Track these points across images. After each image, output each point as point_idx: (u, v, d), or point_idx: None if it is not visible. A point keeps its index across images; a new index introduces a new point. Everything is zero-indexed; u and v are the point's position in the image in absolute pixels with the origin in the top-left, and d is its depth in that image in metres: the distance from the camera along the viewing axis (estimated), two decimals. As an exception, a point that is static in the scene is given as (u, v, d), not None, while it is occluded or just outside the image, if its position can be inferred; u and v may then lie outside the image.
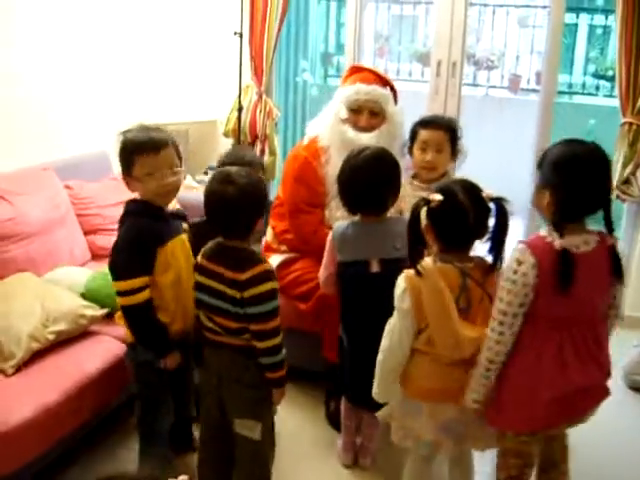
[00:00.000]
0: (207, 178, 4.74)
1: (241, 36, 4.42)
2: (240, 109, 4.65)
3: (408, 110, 3.18)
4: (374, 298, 2.53)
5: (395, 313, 2.23)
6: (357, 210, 2.60)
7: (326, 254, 2.68)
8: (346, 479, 2.86)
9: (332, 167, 2.95)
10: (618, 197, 4.00)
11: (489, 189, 2.16)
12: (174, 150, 2.43)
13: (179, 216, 2.58)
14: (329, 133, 3.05)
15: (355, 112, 3.01)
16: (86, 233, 3.75)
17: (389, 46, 9.06)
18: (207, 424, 2.51)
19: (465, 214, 2.09)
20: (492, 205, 2.14)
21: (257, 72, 4.69)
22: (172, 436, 2.69)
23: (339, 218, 2.89)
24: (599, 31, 7.96)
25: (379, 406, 2.43)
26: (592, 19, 7.86)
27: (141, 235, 2.37)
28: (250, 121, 4.75)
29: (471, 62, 7.66)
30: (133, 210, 2.44)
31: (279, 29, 4.61)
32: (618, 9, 3.78)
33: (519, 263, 2.02)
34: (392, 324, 2.25)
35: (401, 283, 2.19)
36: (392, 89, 3.12)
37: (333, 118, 3.05)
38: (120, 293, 2.35)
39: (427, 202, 2.11)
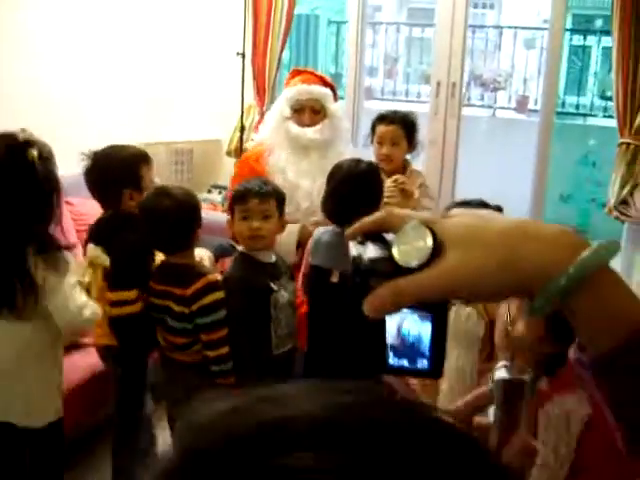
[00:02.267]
0: (211, 197, 4.82)
1: (243, 56, 4.48)
2: (242, 129, 4.70)
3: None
4: (331, 309, 2.53)
5: (460, 343, 2.17)
6: (336, 221, 2.60)
7: (304, 255, 2.72)
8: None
9: (274, 160, 3.12)
10: (617, 218, 3.99)
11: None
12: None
13: None
14: (274, 132, 3.20)
15: (298, 111, 3.16)
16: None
17: (401, 67, 9.12)
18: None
19: None
20: None
21: (259, 92, 4.74)
22: None
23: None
24: (607, 52, 7.97)
25: None
26: (599, 41, 7.87)
27: (139, 248, 2.47)
28: (246, 147, 4.80)
29: (478, 83, 7.69)
30: (123, 224, 2.53)
31: (282, 49, 4.67)
32: (615, 30, 3.80)
33: None
34: (456, 357, 2.17)
35: (467, 310, 2.16)
36: (332, 88, 3.28)
37: (277, 117, 3.20)
38: (112, 303, 2.42)
39: None
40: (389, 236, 0.61)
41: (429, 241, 0.57)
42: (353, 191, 2.52)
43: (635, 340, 0.54)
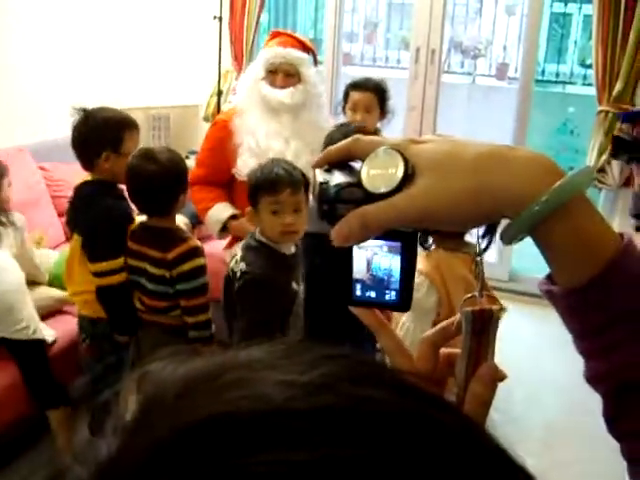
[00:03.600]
0: (188, 162, 4.77)
1: (220, 20, 4.40)
2: (219, 94, 4.64)
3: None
4: (334, 275, 2.48)
5: (410, 313, 2.15)
6: None
7: None
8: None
9: (244, 120, 3.08)
10: (594, 186, 4.01)
11: None
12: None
13: None
14: (246, 91, 3.17)
15: (272, 73, 3.13)
16: (60, 215, 3.76)
17: (381, 33, 9.03)
18: None
19: None
20: None
21: (237, 57, 4.68)
22: None
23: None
24: (588, 20, 7.94)
25: None
26: (580, 8, 7.84)
27: (117, 215, 2.45)
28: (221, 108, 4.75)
29: (458, 50, 7.64)
30: (101, 191, 2.49)
31: (259, 13, 4.60)
32: (595, -3, 3.78)
33: None
34: (406, 326, 2.19)
35: (417, 280, 2.16)
36: (313, 53, 3.25)
37: (251, 78, 3.17)
38: (101, 274, 2.40)
39: None
40: (357, 164, 0.58)
41: (400, 167, 0.55)
42: None
43: (609, 272, 0.53)
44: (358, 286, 0.61)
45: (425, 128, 4.33)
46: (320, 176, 0.59)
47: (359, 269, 0.61)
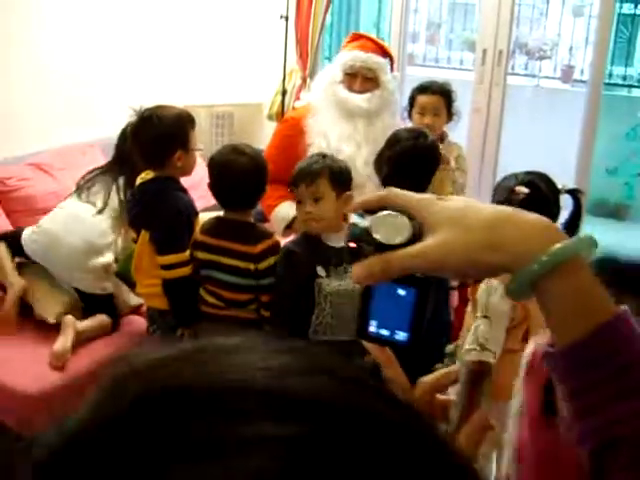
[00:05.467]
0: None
1: (287, 19, 4.43)
2: (284, 93, 4.67)
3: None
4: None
5: (483, 319, 2.17)
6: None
7: None
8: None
9: (317, 120, 3.09)
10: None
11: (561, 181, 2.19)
12: None
13: None
14: (322, 92, 3.18)
15: (350, 76, 3.12)
16: (128, 210, 3.84)
17: (444, 33, 8.96)
18: None
19: (549, 206, 2.11)
20: (568, 196, 2.15)
21: (302, 56, 4.70)
22: None
23: None
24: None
25: None
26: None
27: (187, 208, 2.53)
28: (293, 105, 4.77)
29: (523, 52, 7.53)
30: (169, 186, 2.55)
31: (325, 13, 4.61)
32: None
33: None
34: (480, 330, 2.17)
35: (494, 283, 2.16)
36: (391, 58, 3.24)
37: (328, 79, 3.18)
38: (169, 266, 2.46)
39: (511, 193, 2.11)
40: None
41: (406, 229, 0.63)
42: (416, 163, 2.49)
43: (597, 335, 0.58)
44: (373, 323, 0.67)
45: (490, 130, 4.29)
46: (353, 216, 0.69)
47: (376, 308, 0.67)
